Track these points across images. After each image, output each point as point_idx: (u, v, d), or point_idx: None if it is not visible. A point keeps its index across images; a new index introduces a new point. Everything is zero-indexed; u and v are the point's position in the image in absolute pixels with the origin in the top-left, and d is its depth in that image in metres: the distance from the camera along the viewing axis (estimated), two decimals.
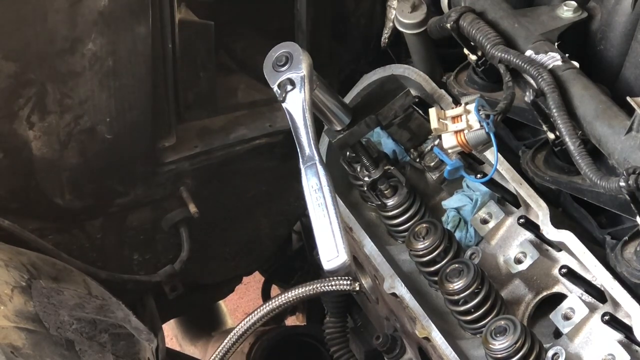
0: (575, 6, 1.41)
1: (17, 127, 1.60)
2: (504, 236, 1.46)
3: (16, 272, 1.36)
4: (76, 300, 1.40)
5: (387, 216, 1.58)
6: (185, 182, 1.83)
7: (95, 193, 1.74)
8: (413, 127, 1.61)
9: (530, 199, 1.36)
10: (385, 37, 1.63)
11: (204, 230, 1.91)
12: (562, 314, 1.34)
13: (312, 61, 1.46)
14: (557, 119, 1.27)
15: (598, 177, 1.22)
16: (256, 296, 3.18)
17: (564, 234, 1.31)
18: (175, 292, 1.91)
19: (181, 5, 1.70)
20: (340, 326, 1.69)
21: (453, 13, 1.40)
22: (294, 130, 1.44)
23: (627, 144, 1.22)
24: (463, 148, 1.34)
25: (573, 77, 1.30)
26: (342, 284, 1.39)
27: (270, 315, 1.42)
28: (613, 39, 1.41)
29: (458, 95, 1.47)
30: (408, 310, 1.48)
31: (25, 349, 1.24)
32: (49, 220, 1.73)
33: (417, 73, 1.52)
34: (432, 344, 1.44)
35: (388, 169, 1.57)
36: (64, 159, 1.67)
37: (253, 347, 2.28)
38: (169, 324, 2.58)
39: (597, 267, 1.27)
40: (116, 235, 1.81)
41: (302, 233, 2.38)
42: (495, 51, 1.34)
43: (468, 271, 1.42)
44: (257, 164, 1.87)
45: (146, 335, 1.46)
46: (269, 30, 1.80)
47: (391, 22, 1.58)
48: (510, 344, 1.33)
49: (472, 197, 1.50)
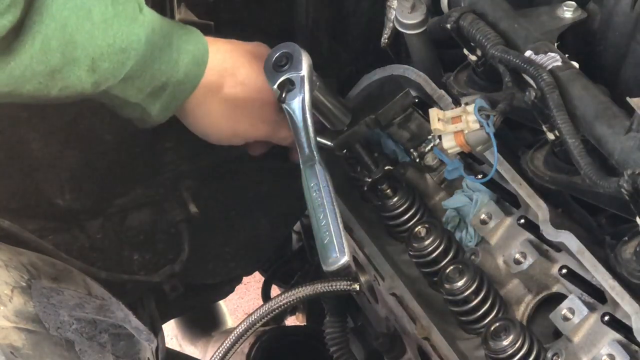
0: (575, 6, 1.41)
1: (18, 127, 1.60)
2: (503, 236, 1.46)
3: (16, 272, 1.36)
4: (76, 300, 1.40)
5: (387, 216, 1.58)
6: (185, 182, 1.83)
7: (95, 193, 1.74)
8: (413, 127, 1.62)
9: (530, 199, 1.36)
10: (385, 37, 1.62)
11: (204, 230, 1.91)
12: (561, 314, 1.34)
13: (312, 61, 1.46)
14: (557, 119, 1.27)
15: (598, 177, 1.22)
16: (256, 296, 3.18)
17: (563, 234, 1.31)
18: (175, 292, 1.91)
19: (181, 5, 1.69)
20: (340, 326, 1.69)
21: (453, 13, 1.40)
22: (293, 131, 1.45)
23: (627, 144, 1.22)
24: (463, 148, 1.34)
25: (573, 77, 1.30)
26: (342, 285, 1.39)
27: (270, 315, 1.42)
28: (613, 39, 1.41)
29: (458, 95, 1.47)
30: (408, 310, 1.48)
31: (25, 349, 1.24)
32: (49, 220, 1.73)
33: (417, 73, 1.52)
34: (432, 344, 1.44)
35: (388, 169, 1.58)
36: (64, 159, 1.67)
37: (253, 347, 2.28)
38: (169, 324, 2.58)
39: (597, 267, 1.27)
40: (116, 235, 1.81)
41: (302, 233, 2.38)
42: (495, 51, 1.34)
43: (468, 271, 1.42)
44: (257, 164, 1.86)
45: (146, 335, 1.46)
46: (269, 30, 1.80)
47: (391, 22, 1.58)
48: (509, 344, 1.34)
49: (472, 197, 1.50)
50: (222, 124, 1.50)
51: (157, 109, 1.42)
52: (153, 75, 1.36)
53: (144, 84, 1.36)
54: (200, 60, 1.42)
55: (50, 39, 1.19)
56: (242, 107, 1.49)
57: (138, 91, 1.37)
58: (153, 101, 1.40)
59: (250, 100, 1.49)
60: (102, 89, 1.32)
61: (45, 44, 1.19)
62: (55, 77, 1.24)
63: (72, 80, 1.26)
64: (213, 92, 1.46)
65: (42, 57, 1.20)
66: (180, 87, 1.41)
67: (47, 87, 1.25)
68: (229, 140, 1.54)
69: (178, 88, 1.41)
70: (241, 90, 1.48)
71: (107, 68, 1.28)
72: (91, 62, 1.25)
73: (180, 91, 1.42)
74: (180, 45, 1.38)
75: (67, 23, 1.20)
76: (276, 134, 1.55)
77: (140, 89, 1.37)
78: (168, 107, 1.43)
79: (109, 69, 1.28)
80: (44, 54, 1.20)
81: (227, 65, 1.47)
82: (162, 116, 1.44)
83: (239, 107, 1.49)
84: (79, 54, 1.24)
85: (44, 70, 1.22)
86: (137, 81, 1.35)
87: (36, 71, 1.21)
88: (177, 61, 1.38)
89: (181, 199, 1.83)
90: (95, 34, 1.24)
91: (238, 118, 1.50)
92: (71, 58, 1.23)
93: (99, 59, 1.26)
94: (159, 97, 1.40)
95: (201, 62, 1.42)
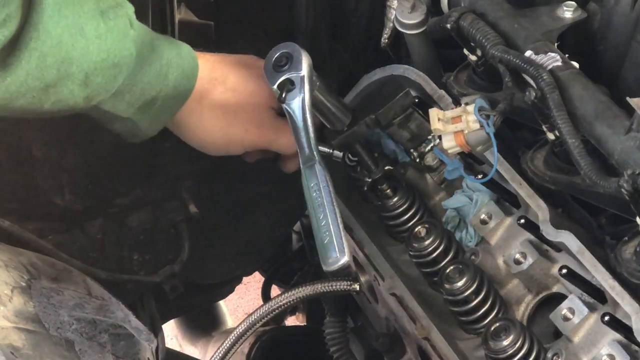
0: (575, 6, 1.41)
1: (18, 127, 1.60)
2: (503, 236, 1.46)
3: (16, 272, 1.36)
4: (76, 300, 1.40)
5: (387, 216, 1.58)
6: (185, 182, 1.83)
7: (95, 193, 1.74)
8: (413, 127, 1.62)
9: (530, 199, 1.36)
10: (385, 37, 1.62)
11: (204, 230, 1.91)
12: (562, 314, 1.34)
13: (312, 61, 1.46)
14: (557, 119, 1.27)
15: (598, 177, 1.22)
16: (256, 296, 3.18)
17: (563, 234, 1.31)
18: (175, 292, 1.91)
19: (181, 5, 1.69)
20: (340, 326, 1.69)
21: (453, 13, 1.40)
22: (294, 131, 1.45)
23: (627, 144, 1.22)
24: (463, 148, 1.34)
25: (573, 77, 1.30)
26: (342, 285, 1.39)
27: (270, 315, 1.42)
28: (613, 40, 1.41)
29: (458, 95, 1.47)
30: (408, 311, 1.48)
31: (25, 349, 1.24)
32: (49, 220, 1.73)
33: (417, 73, 1.52)
34: (432, 344, 1.44)
35: (388, 169, 1.58)
36: (64, 159, 1.67)
37: (253, 347, 2.28)
38: (169, 324, 2.58)
39: (597, 268, 1.27)
40: (116, 235, 1.81)
41: (302, 233, 2.38)
42: (495, 51, 1.34)
43: (468, 271, 1.42)
44: (257, 164, 1.86)
45: (146, 335, 1.46)
46: (269, 30, 1.80)
47: (391, 22, 1.58)
48: (510, 344, 1.34)
49: (472, 197, 1.50)
50: (216, 132, 1.50)
51: (148, 123, 1.42)
52: (143, 89, 1.36)
53: (134, 98, 1.37)
54: (190, 74, 1.42)
55: (47, 56, 1.20)
56: (234, 113, 1.49)
57: (128, 105, 1.37)
58: (143, 115, 1.40)
59: (242, 105, 1.49)
60: (94, 103, 1.32)
61: (41, 61, 1.20)
62: (49, 91, 1.24)
63: (64, 95, 1.26)
64: (203, 101, 1.46)
65: (38, 74, 1.21)
66: (170, 100, 1.42)
67: (40, 101, 1.25)
68: (226, 148, 1.53)
69: (168, 102, 1.41)
70: (231, 95, 1.48)
71: (100, 82, 1.29)
72: (85, 77, 1.26)
73: (170, 105, 1.42)
74: (170, 59, 1.39)
75: (62, 40, 1.21)
76: (276, 141, 1.53)
77: (130, 103, 1.37)
78: (158, 121, 1.43)
79: (101, 83, 1.29)
80: (40, 71, 1.20)
81: (216, 74, 1.47)
82: (152, 130, 1.45)
83: (230, 113, 1.49)
84: (74, 69, 1.24)
85: (38, 86, 1.22)
86: (127, 95, 1.36)
87: (31, 86, 1.22)
88: (166, 75, 1.38)
89: (181, 199, 1.83)
90: (90, 50, 1.25)
91: (231, 124, 1.49)
92: (66, 74, 1.24)
93: (92, 73, 1.27)
94: (148, 111, 1.40)
95: (191, 75, 1.42)
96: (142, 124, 1.42)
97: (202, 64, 1.45)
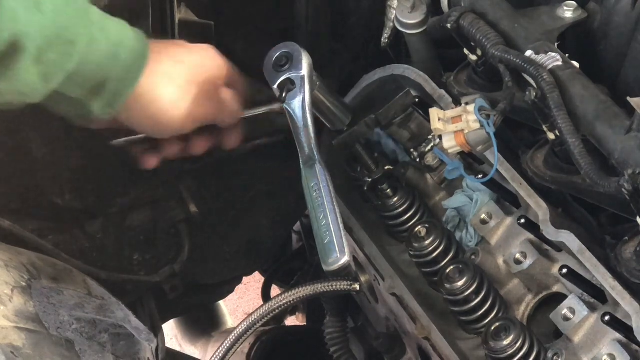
0: (576, 6, 1.41)
1: (18, 127, 1.60)
2: (504, 236, 1.47)
3: (16, 272, 1.36)
4: (76, 300, 1.40)
5: (387, 216, 1.58)
6: (185, 182, 1.83)
7: (95, 193, 1.74)
8: (413, 127, 1.62)
9: (530, 199, 1.36)
10: (385, 37, 1.62)
11: (204, 230, 1.91)
12: (562, 314, 1.34)
13: (312, 61, 1.46)
14: (557, 119, 1.27)
15: (598, 177, 1.22)
16: (256, 296, 3.18)
17: (564, 234, 1.31)
18: (175, 292, 1.91)
19: (181, 5, 1.69)
20: (340, 326, 1.69)
21: (453, 13, 1.40)
22: (294, 131, 1.45)
23: (627, 144, 1.22)
24: (463, 148, 1.34)
25: (573, 77, 1.30)
26: (342, 285, 1.39)
27: (270, 316, 1.42)
28: (613, 39, 1.41)
29: (458, 95, 1.47)
30: (408, 310, 1.48)
31: (25, 349, 1.24)
32: (49, 220, 1.73)
33: (417, 73, 1.52)
34: (432, 344, 1.44)
35: (388, 169, 1.58)
36: (64, 159, 1.67)
37: (253, 347, 2.28)
38: (169, 324, 2.58)
39: (597, 267, 1.27)
40: (116, 235, 1.81)
41: (302, 233, 2.38)
42: (495, 51, 1.34)
43: (468, 271, 1.42)
44: (257, 164, 1.86)
45: (146, 335, 1.46)
46: (269, 30, 1.80)
47: (391, 22, 1.58)
48: (510, 344, 1.34)
49: (472, 197, 1.50)
50: (169, 108, 1.48)
51: (99, 106, 1.41)
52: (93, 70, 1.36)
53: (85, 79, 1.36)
54: (140, 54, 1.42)
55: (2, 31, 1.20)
56: (186, 86, 1.47)
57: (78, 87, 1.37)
58: (94, 97, 1.40)
59: (192, 76, 1.48)
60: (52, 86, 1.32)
61: None
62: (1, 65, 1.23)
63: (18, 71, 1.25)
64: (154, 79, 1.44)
65: None
66: (121, 82, 1.41)
67: None
68: (181, 125, 1.50)
69: (119, 84, 1.41)
70: (181, 68, 1.47)
71: (54, 59, 1.28)
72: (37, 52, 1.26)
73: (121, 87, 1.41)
74: (122, 40, 1.39)
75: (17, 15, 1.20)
76: (221, 114, 1.52)
77: (81, 84, 1.36)
78: (111, 104, 1.42)
79: (55, 60, 1.29)
80: None
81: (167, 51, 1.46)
82: (104, 113, 1.43)
83: (182, 87, 1.47)
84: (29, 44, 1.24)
85: None
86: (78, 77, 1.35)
87: None
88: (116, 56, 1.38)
89: (181, 199, 1.83)
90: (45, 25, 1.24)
91: (184, 97, 1.48)
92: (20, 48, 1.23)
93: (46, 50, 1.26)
94: (99, 94, 1.40)
95: (141, 56, 1.42)
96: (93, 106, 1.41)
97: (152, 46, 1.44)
